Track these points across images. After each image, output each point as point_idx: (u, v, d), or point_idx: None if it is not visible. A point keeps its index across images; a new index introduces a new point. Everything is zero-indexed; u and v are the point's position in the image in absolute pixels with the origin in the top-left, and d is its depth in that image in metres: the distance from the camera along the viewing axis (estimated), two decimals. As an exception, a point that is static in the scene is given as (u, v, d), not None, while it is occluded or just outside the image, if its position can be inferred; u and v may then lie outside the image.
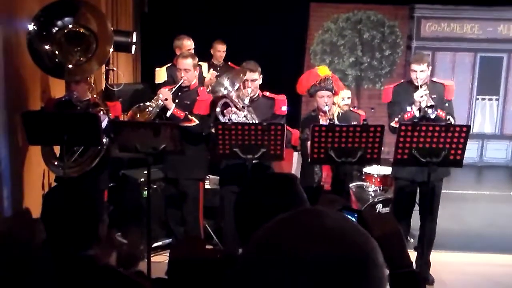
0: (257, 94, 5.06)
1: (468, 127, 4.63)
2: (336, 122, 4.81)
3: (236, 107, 4.88)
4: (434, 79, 5.22)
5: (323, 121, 4.91)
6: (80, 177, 4.67)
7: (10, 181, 4.70)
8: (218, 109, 4.87)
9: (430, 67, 5.03)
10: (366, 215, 1.52)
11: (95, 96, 4.91)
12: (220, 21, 8.74)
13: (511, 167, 9.15)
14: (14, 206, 4.73)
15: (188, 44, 6.30)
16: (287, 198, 1.89)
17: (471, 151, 9.08)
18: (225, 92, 4.88)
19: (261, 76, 5.07)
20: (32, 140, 4.58)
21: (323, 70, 5.10)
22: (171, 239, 5.62)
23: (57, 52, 4.68)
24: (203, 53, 7.22)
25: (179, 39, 6.35)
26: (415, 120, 4.70)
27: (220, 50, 7.61)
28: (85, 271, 2.11)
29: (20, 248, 1.98)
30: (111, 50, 4.90)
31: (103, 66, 5.82)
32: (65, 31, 4.71)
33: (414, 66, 4.90)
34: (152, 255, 4.88)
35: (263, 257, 0.93)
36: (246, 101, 4.90)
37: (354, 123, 4.83)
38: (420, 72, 4.86)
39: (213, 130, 4.81)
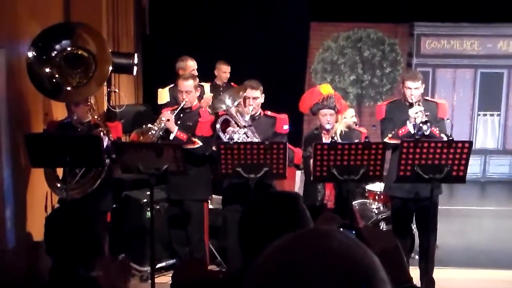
0: (258, 113, 5.08)
1: (471, 143, 4.64)
2: (339, 140, 4.82)
3: (236, 123, 4.89)
4: (427, 97, 5.25)
5: (325, 139, 4.92)
6: (82, 199, 4.68)
7: (13, 203, 4.70)
8: (218, 126, 4.89)
9: (424, 85, 5.05)
10: (365, 232, 1.52)
11: (96, 117, 4.94)
12: (221, 41, 8.79)
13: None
14: (17, 228, 4.73)
15: (191, 65, 6.32)
16: (291, 216, 1.89)
17: (474, 167, 9.06)
18: (225, 107, 4.89)
19: (263, 95, 5.09)
20: (35, 163, 4.60)
21: (325, 89, 5.13)
22: (174, 260, 5.60)
23: (57, 75, 4.71)
24: (205, 74, 7.26)
25: (182, 60, 6.37)
26: (413, 135, 4.71)
27: (225, 71, 7.64)
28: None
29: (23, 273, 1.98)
30: (110, 69, 4.92)
31: (105, 88, 5.86)
32: (64, 54, 4.75)
33: (408, 83, 4.92)
34: (155, 276, 4.86)
35: (270, 280, 0.93)
36: (247, 118, 4.92)
37: (356, 140, 4.84)
38: (414, 89, 4.88)
39: (214, 148, 4.81)
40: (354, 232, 1.55)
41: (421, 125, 4.72)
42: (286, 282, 0.91)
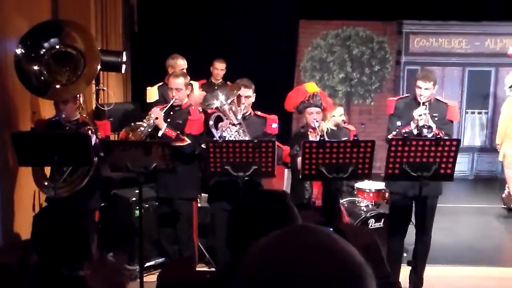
0: (249, 112, 5.08)
1: (458, 141, 4.65)
2: (326, 138, 4.82)
3: (229, 122, 4.89)
4: (439, 98, 5.21)
5: (312, 137, 4.92)
6: (70, 197, 4.65)
7: (0, 202, 4.67)
8: (211, 122, 4.88)
9: (437, 86, 5.02)
10: (344, 228, 1.52)
11: (84, 115, 4.91)
12: (209, 39, 8.78)
13: (502, 179, 9.17)
14: (4, 226, 4.70)
15: (181, 63, 6.30)
16: (281, 215, 1.89)
17: (462, 165, 9.12)
18: (218, 104, 4.89)
19: (255, 94, 5.09)
20: (23, 161, 4.56)
21: (311, 87, 5.12)
22: (163, 259, 5.58)
23: (45, 73, 4.68)
24: (193, 72, 7.24)
25: (172, 58, 6.35)
26: (405, 135, 4.70)
27: (218, 68, 7.63)
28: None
29: (10, 273, 1.97)
30: (99, 68, 4.90)
31: (94, 86, 5.83)
32: (53, 51, 4.72)
33: (419, 83, 4.90)
34: (144, 274, 4.85)
35: (259, 276, 0.93)
36: (239, 116, 4.92)
37: (345, 138, 4.84)
38: (424, 90, 4.85)
39: (203, 146, 4.80)
40: (332, 229, 1.56)
41: (422, 128, 4.71)
42: (275, 278, 0.91)
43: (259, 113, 5.14)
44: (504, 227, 7.51)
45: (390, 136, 4.91)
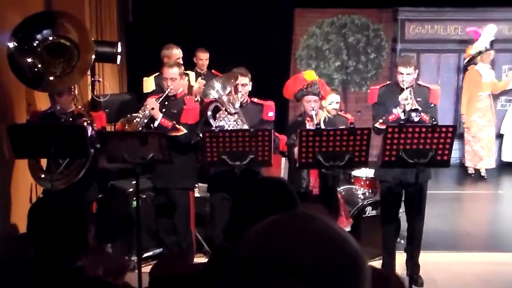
0: (245, 100, 5.07)
1: (454, 127, 4.66)
2: (323, 126, 4.82)
3: (227, 111, 4.88)
4: (420, 82, 5.24)
5: (309, 126, 4.92)
6: (67, 189, 4.65)
7: (-3, 195, 4.67)
8: (209, 113, 4.87)
9: (417, 71, 5.04)
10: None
11: (79, 107, 4.90)
12: (205, 28, 8.75)
13: (498, 166, 9.20)
14: (1, 220, 4.70)
15: (177, 53, 6.29)
16: (284, 202, 1.90)
17: (459, 151, 9.12)
18: (216, 95, 4.88)
19: (251, 82, 5.09)
20: (19, 154, 4.55)
21: (310, 75, 5.12)
22: (161, 249, 5.59)
23: (39, 65, 4.66)
24: (189, 61, 7.23)
25: (167, 48, 6.33)
26: (401, 122, 4.71)
27: (202, 58, 7.60)
28: (74, 283, 2.09)
29: (8, 265, 1.97)
30: (93, 58, 4.88)
31: (89, 77, 5.81)
32: (46, 43, 4.69)
33: (400, 69, 4.92)
34: (142, 265, 4.86)
35: (254, 262, 0.93)
36: (237, 105, 4.92)
37: (342, 127, 4.84)
38: (406, 75, 4.87)
39: (200, 135, 4.80)
40: None
41: (410, 112, 4.73)
42: (271, 265, 0.91)
43: (255, 100, 5.13)
44: (499, 212, 7.54)
45: (377, 125, 4.93)
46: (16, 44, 4.60)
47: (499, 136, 9.22)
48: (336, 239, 0.95)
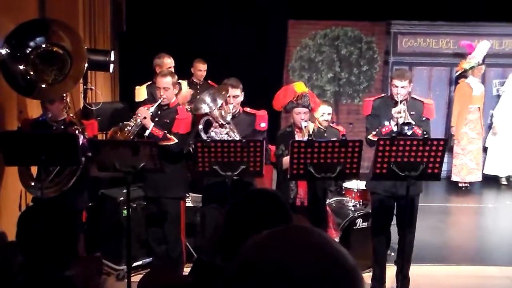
0: (238, 110, 5.08)
1: (446, 140, 4.69)
2: (313, 138, 4.82)
3: (219, 125, 4.88)
4: (414, 96, 5.25)
5: (299, 137, 4.93)
6: (57, 197, 4.62)
7: (-14, 202, 4.63)
8: (200, 127, 4.87)
9: (412, 84, 5.06)
10: None
11: (71, 115, 4.88)
12: (198, 38, 8.77)
13: (489, 178, 9.24)
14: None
15: (168, 62, 6.30)
16: (277, 214, 1.89)
17: (450, 165, 9.16)
18: (207, 109, 4.88)
19: (243, 93, 5.10)
20: (9, 161, 4.53)
21: (299, 87, 5.13)
22: (151, 258, 5.57)
23: (31, 72, 4.65)
24: (182, 71, 7.23)
25: (159, 57, 6.35)
26: (393, 135, 4.73)
27: (201, 69, 7.66)
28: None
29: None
30: (86, 67, 4.87)
31: (81, 85, 5.80)
32: (39, 51, 4.68)
33: (395, 82, 4.93)
34: (132, 274, 4.84)
35: (253, 273, 0.93)
36: (228, 117, 4.92)
37: (334, 138, 4.85)
38: (400, 88, 4.88)
39: (193, 146, 4.80)
40: None
41: (403, 126, 4.74)
42: (268, 278, 0.91)
43: (248, 109, 5.14)
44: (491, 226, 7.56)
45: (370, 137, 4.94)
46: (9, 51, 4.59)
47: (484, 150, 9.29)
48: (333, 253, 0.95)
